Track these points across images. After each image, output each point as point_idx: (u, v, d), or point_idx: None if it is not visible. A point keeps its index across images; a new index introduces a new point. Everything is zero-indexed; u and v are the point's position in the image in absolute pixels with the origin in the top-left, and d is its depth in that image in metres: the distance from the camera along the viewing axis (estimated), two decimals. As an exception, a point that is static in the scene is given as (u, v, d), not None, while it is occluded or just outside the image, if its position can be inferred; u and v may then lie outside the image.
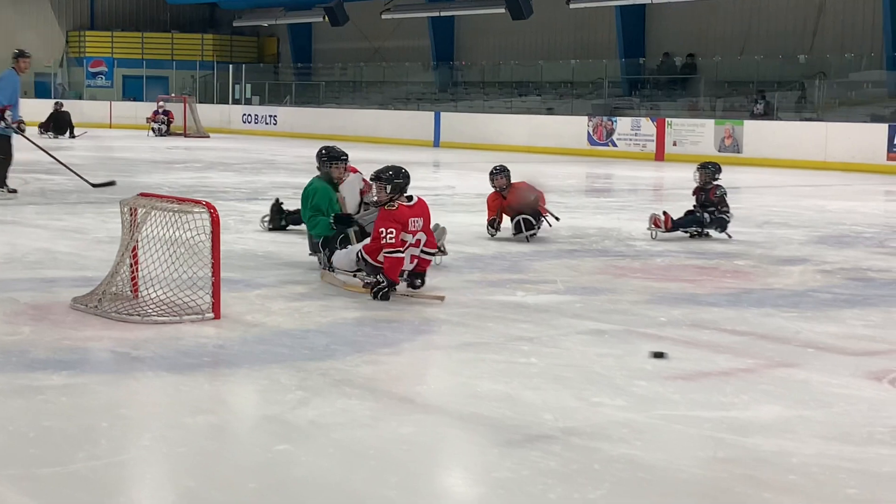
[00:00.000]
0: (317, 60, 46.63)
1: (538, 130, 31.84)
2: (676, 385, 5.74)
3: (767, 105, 28.71)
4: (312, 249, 9.27)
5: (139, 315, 6.94)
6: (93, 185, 14.46)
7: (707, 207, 11.83)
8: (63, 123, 32.95)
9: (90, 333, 6.59)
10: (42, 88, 45.99)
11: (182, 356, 6.09)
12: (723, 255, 10.66)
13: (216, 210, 7.11)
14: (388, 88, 40.95)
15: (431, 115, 35.05)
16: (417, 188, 9.30)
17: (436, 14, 40.17)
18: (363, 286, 8.08)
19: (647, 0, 33.25)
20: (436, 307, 7.70)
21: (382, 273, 7.85)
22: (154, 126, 36.45)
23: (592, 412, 5.22)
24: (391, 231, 7.77)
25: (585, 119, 30.95)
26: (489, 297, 8.16)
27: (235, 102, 43.86)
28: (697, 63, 32.97)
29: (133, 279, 7.33)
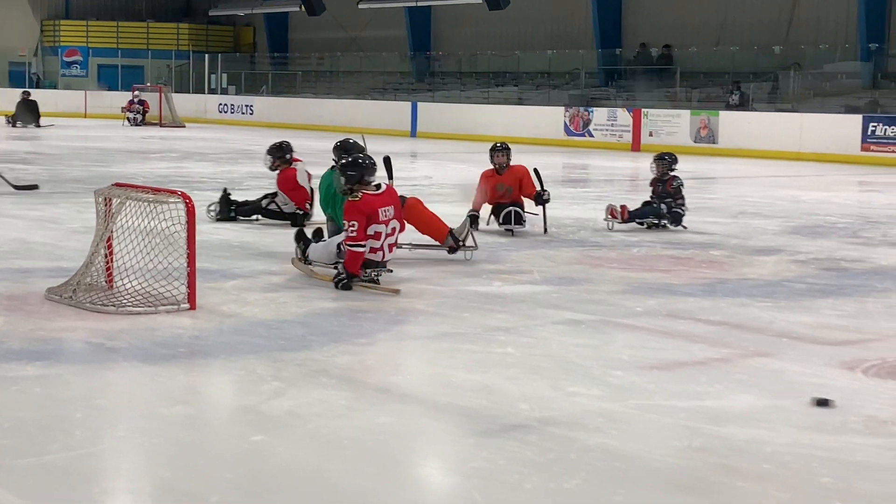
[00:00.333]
0: (293, 50, 46.46)
1: (515, 121, 31.81)
2: (652, 375, 5.77)
3: (743, 96, 28.79)
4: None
5: (114, 306, 6.92)
6: (15, 188, 14.20)
7: (664, 199, 11.81)
8: (31, 112, 32.67)
9: (65, 324, 6.56)
10: (17, 78, 45.69)
11: (157, 347, 6.08)
12: (698, 246, 10.69)
13: (192, 200, 7.09)
14: (365, 78, 40.85)
15: (408, 106, 34.98)
16: (395, 178, 9.29)
17: (412, 4, 40.05)
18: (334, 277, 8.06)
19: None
20: (413, 297, 7.69)
21: (343, 265, 7.85)
22: (129, 116, 36.23)
23: (568, 402, 5.24)
24: (353, 224, 7.75)
25: (562, 109, 30.96)
26: (466, 288, 8.17)
27: (211, 92, 43.65)
28: (673, 54, 33.01)
29: (108, 270, 7.30)
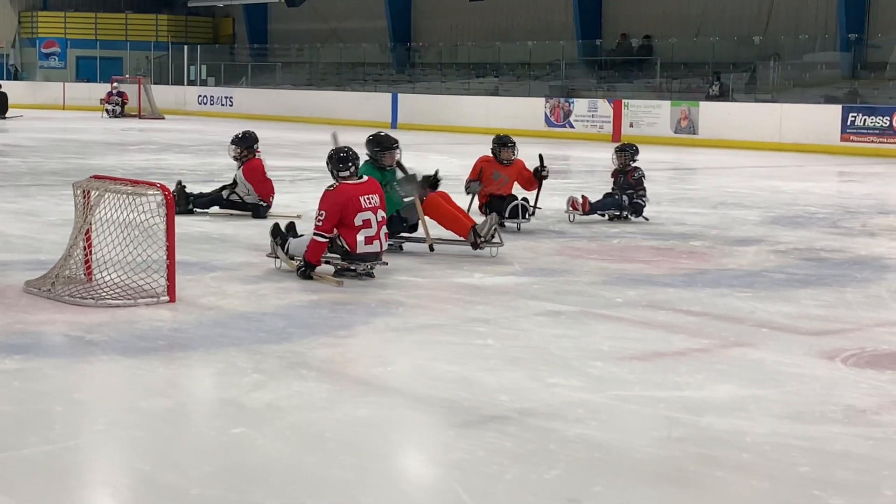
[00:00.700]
0: (273, 41, 46.30)
1: (495, 112, 31.81)
2: (631, 365, 5.78)
3: (723, 86, 28.86)
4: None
5: (93, 298, 6.89)
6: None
7: (625, 190, 11.75)
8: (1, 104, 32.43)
9: (43, 317, 6.53)
10: (-6, 69, 45.49)
11: (137, 340, 6.06)
12: (678, 237, 10.72)
13: (171, 192, 7.07)
14: (345, 70, 40.75)
15: (388, 97, 34.94)
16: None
17: (392, -6, 40.05)
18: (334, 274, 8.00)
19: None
20: (394, 289, 7.68)
21: (303, 255, 7.85)
22: (108, 108, 36.07)
23: (548, 393, 5.24)
24: (322, 213, 7.76)
25: (542, 100, 30.97)
26: (446, 279, 8.17)
27: (191, 84, 43.48)
28: (654, 44, 33.05)
29: (87, 262, 7.27)
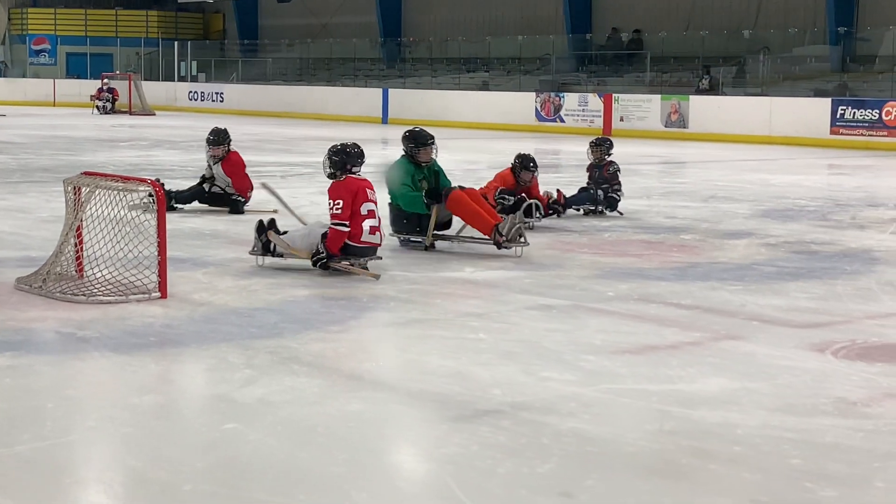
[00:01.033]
0: (263, 37, 46.23)
1: (486, 106, 31.83)
2: (624, 359, 5.79)
3: (712, 80, 28.89)
4: (395, 226, 9.22)
5: (84, 295, 6.88)
6: None
7: (600, 184, 11.70)
8: None
9: (35, 314, 6.52)
10: (-16, 67, 45.39)
11: (128, 336, 6.05)
12: (669, 230, 10.73)
13: (161, 188, 7.06)
14: (336, 65, 40.71)
15: (379, 92, 34.92)
16: (367, 165, 9.27)
17: (383, -10, 40.02)
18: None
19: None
20: (385, 284, 7.68)
21: (324, 244, 7.83)
22: (98, 104, 36.00)
23: (541, 387, 5.25)
24: (339, 202, 7.78)
25: (533, 95, 30.98)
26: (438, 274, 8.17)
27: (181, 80, 43.42)
28: (643, 39, 33.07)
29: (78, 259, 7.26)
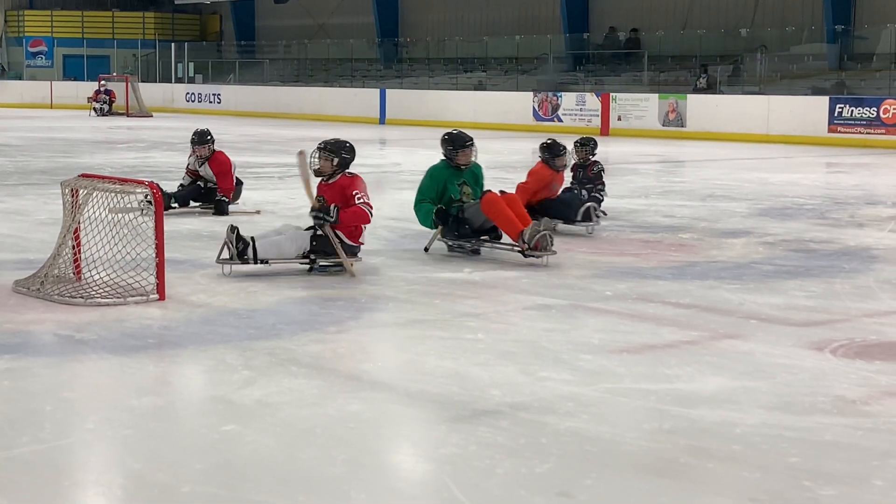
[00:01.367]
0: (260, 38, 46.22)
1: (483, 106, 31.83)
2: (622, 358, 5.79)
3: (710, 79, 28.90)
4: (441, 220, 8.90)
5: (82, 297, 6.87)
6: None
7: (584, 184, 11.56)
8: None
9: (33, 316, 6.52)
10: (-20, 69, 45.39)
11: (126, 338, 6.05)
12: (667, 229, 10.73)
13: (159, 190, 7.05)
14: (333, 65, 40.70)
15: (377, 92, 34.91)
16: (364, 165, 9.28)
17: (379, -10, 40.01)
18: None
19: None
20: (383, 284, 7.68)
21: (337, 215, 7.83)
22: (96, 106, 35.99)
23: (539, 387, 5.25)
24: (363, 194, 7.93)
25: (531, 94, 30.99)
26: (436, 274, 8.17)
27: (178, 81, 43.40)
28: (641, 38, 33.07)
29: (76, 261, 7.25)
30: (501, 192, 8.95)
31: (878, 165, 19.66)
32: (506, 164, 18.18)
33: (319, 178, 8.08)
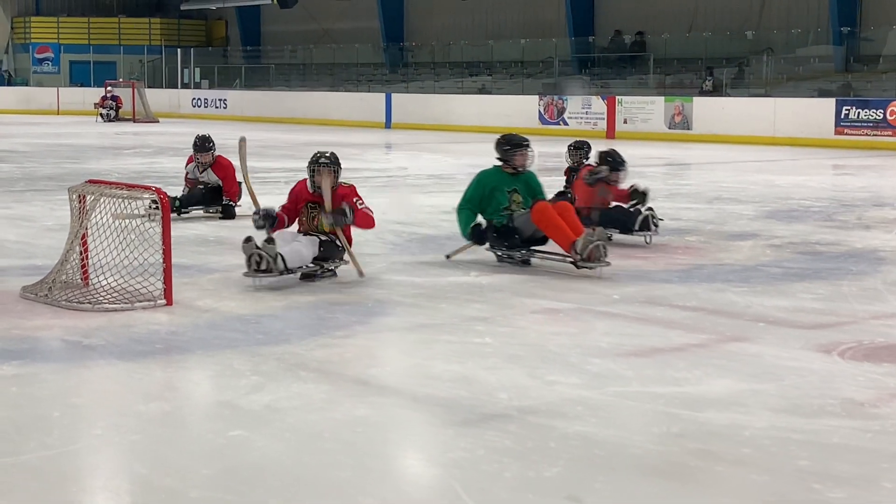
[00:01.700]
0: (266, 43, 46.32)
1: (489, 110, 31.84)
2: (630, 362, 5.78)
3: (716, 81, 28.89)
4: (476, 239, 8.55)
5: (90, 303, 6.88)
6: None
7: None
8: None
9: (40, 322, 6.52)
10: (-13, 75, 45.52)
11: (134, 343, 6.05)
12: (674, 232, 10.71)
13: (166, 195, 7.06)
14: (339, 70, 40.75)
15: (382, 97, 34.96)
16: (370, 170, 9.28)
17: (385, -6, 40.07)
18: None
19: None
20: (390, 289, 7.68)
21: (353, 219, 7.82)
22: (102, 112, 36.08)
23: (547, 390, 5.24)
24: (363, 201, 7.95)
25: (536, 98, 31.00)
26: (443, 278, 8.16)
27: (184, 87, 43.50)
28: (646, 41, 33.07)
29: (83, 267, 7.26)
30: (553, 200, 8.46)
31: (885, 167, 19.63)
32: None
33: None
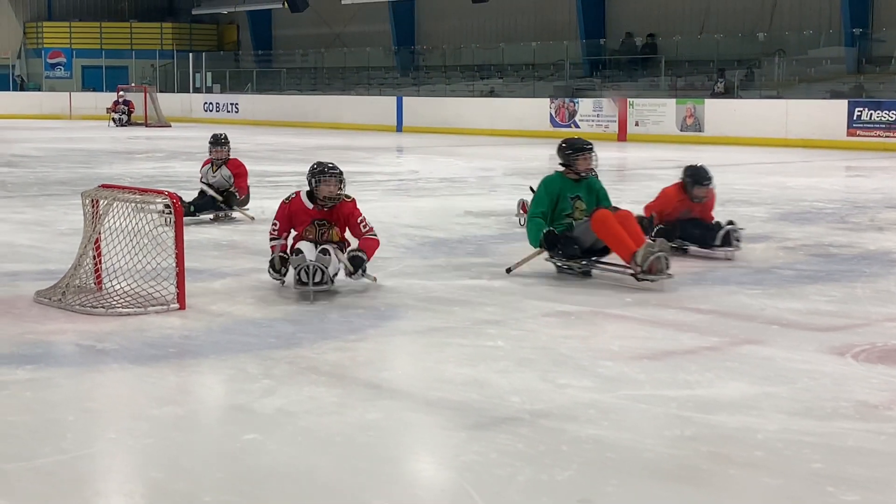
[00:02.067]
0: (277, 47, 46.40)
1: (500, 113, 31.87)
2: (642, 365, 5.77)
3: (728, 83, 28.85)
4: (548, 246, 8.17)
5: (103, 307, 6.90)
6: None
7: None
8: None
9: (54, 327, 6.54)
10: (0, 81, 45.63)
11: (147, 348, 6.06)
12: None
13: (179, 200, 7.08)
14: (350, 74, 40.81)
15: (393, 100, 34.99)
16: (381, 173, 9.28)
17: (396, -2, 40.12)
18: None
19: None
20: (402, 293, 7.69)
21: (367, 256, 7.70)
22: (115, 116, 36.17)
23: (559, 394, 5.24)
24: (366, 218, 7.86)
25: (547, 101, 30.99)
26: (454, 282, 8.17)
27: (196, 91, 43.60)
28: (658, 43, 33.05)
29: (96, 271, 7.28)
30: (614, 209, 8.17)
31: (898, 169, 19.57)
32: (523, 171, 18.17)
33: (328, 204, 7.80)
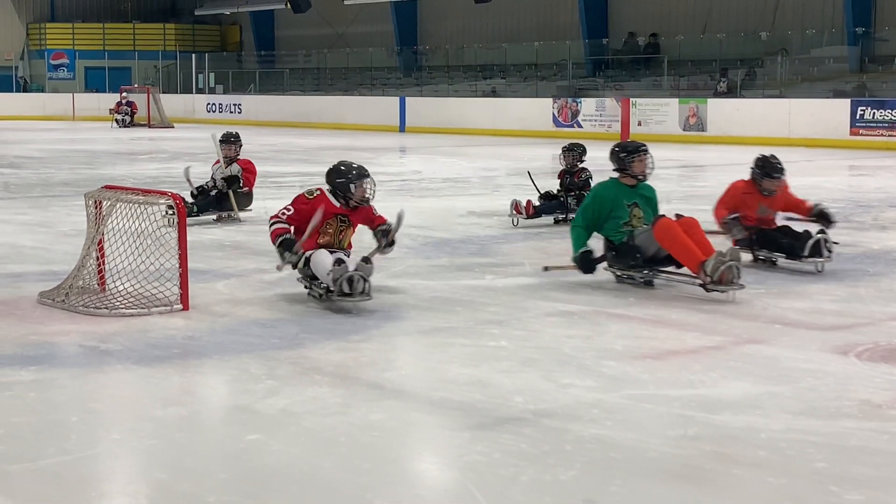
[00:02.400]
0: (280, 48, 46.41)
1: (503, 113, 31.87)
2: (645, 364, 5.77)
3: (730, 83, 28.84)
4: (582, 267, 7.87)
5: (107, 308, 6.90)
6: None
7: (570, 191, 11.30)
8: None
9: (58, 328, 6.55)
10: (3, 82, 45.65)
11: (151, 348, 6.07)
12: (689, 234, 10.67)
13: (182, 200, 7.08)
14: (353, 74, 40.82)
15: (396, 101, 35.00)
16: (384, 174, 9.28)
17: (398, -2, 40.12)
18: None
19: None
20: (406, 293, 7.69)
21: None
22: (117, 117, 36.20)
23: (563, 393, 5.24)
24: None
25: (550, 101, 30.99)
26: (457, 282, 8.17)
27: (199, 92, 43.62)
28: (660, 42, 33.05)
29: (100, 272, 7.29)
30: (677, 216, 7.85)
31: (901, 168, 19.55)
32: (525, 171, 18.11)
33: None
